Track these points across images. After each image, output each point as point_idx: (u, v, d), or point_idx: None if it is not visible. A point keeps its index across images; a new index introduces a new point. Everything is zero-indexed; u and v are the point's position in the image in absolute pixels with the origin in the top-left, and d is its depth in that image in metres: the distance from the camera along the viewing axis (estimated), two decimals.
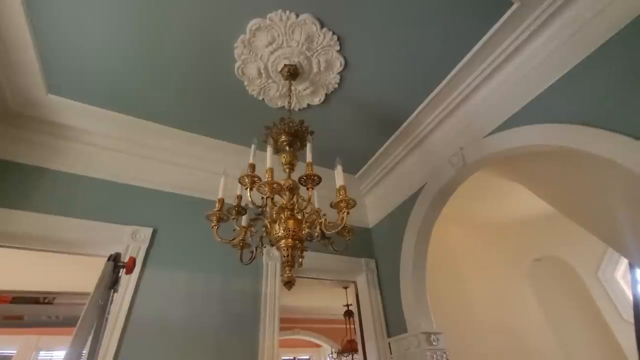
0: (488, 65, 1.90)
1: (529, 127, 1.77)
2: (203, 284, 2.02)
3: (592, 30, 1.58)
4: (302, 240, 1.15)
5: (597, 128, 1.46)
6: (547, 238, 3.85)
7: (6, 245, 1.70)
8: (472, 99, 2.06)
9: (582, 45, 1.61)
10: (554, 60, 1.71)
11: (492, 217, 3.80)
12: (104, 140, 2.16)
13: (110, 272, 0.87)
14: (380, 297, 2.53)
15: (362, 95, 2.09)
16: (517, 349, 3.21)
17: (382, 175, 2.70)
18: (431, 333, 2.07)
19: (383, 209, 2.74)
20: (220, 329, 1.91)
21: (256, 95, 2.03)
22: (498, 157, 2.00)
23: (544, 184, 2.58)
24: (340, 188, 1.12)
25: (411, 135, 2.36)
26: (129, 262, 0.93)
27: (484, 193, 3.31)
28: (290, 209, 1.16)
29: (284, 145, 1.42)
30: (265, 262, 2.24)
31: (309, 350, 7.25)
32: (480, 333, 3.12)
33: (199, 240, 2.16)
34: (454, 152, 2.16)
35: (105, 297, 0.85)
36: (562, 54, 1.68)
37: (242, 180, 1.13)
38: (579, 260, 3.72)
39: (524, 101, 1.83)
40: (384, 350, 2.27)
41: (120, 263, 0.93)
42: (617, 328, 3.30)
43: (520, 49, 1.80)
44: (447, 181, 2.19)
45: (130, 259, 0.93)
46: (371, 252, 2.77)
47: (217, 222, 1.18)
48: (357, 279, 2.69)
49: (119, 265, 0.91)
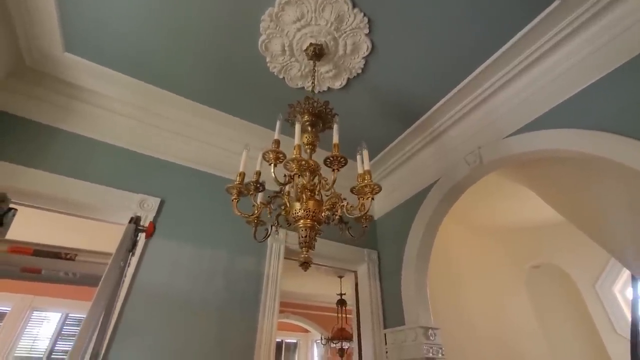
0: (518, 64, 1.85)
1: (552, 131, 1.73)
2: (208, 259, 2.01)
3: (628, 39, 1.53)
4: (321, 222, 1.13)
5: (624, 136, 1.42)
6: (548, 246, 3.86)
7: (15, 201, 1.67)
8: (496, 98, 2.02)
9: (616, 53, 1.56)
10: (585, 65, 1.67)
11: (495, 220, 3.79)
12: (119, 106, 2.12)
13: (132, 235, 0.85)
14: (380, 289, 2.53)
15: (384, 83, 2.04)
16: (509, 353, 3.25)
17: (394, 167, 2.67)
18: (429, 328, 2.08)
19: (391, 200, 2.72)
20: (223, 304, 1.92)
21: (277, 72, 1.98)
22: (516, 160, 1.97)
23: (556, 191, 2.56)
24: (365, 173, 1.09)
25: (429, 128, 2.32)
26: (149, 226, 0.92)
27: (490, 194, 3.29)
28: (311, 190, 1.13)
29: (306, 125, 1.39)
30: (270, 243, 2.23)
31: (297, 334, 7.36)
32: (474, 334, 3.14)
33: (206, 215, 2.14)
34: (471, 150, 2.12)
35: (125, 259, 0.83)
36: (594, 59, 1.63)
37: (266, 155, 1.10)
38: (578, 271, 3.73)
39: (550, 105, 1.79)
40: (380, 341, 2.29)
41: (140, 227, 0.91)
42: (610, 341, 3.33)
43: (553, 51, 1.75)
44: (460, 179, 2.16)
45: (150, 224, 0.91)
46: (374, 243, 2.77)
47: (238, 195, 1.16)
48: (358, 269, 2.69)
49: (139, 229, 0.90)
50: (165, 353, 1.68)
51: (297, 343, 7.35)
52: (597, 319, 3.49)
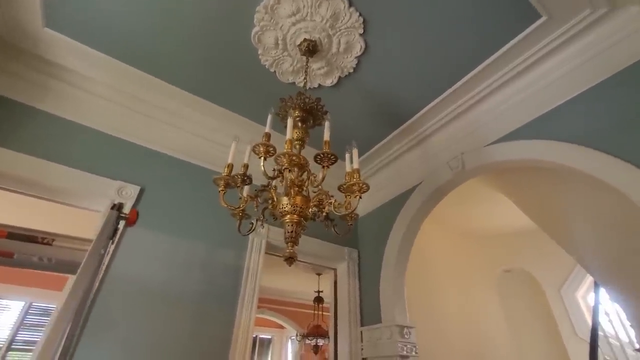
0: (502, 75, 1.92)
1: (531, 142, 1.81)
2: (186, 251, 1.97)
3: (603, 60, 1.62)
4: (307, 218, 1.13)
5: (598, 151, 1.51)
6: (519, 252, 4.03)
7: None
8: (480, 107, 2.08)
9: (591, 73, 1.65)
10: (564, 82, 1.75)
11: (471, 224, 3.92)
12: (101, 89, 2.03)
13: (114, 222, 0.82)
14: (359, 287, 2.57)
15: (374, 84, 2.06)
16: (479, 352, 3.38)
17: (379, 167, 2.70)
18: (404, 326, 2.14)
19: (374, 200, 2.76)
20: (200, 298, 1.89)
21: (268, 66, 1.96)
22: (496, 167, 2.04)
23: (530, 199, 2.67)
24: (354, 171, 1.10)
25: (415, 132, 2.37)
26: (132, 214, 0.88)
27: (469, 199, 3.40)
28: (299, 186, 1.13)
29: (296, 120, 1.39)
30: (252, 237, 2.21)
31: (272, 330, 7.34)
32: (446, 333, 3.24)
33: (187, 206, 2.10)
34: (454, 156, 2.18)
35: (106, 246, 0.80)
36: (572, 77, 1.72)
37: (256, 148, 1.09)
38: (546, 277, 3.93)
39: (530, 117, 1.86)
40: (356, 338, 2.32)
41: (123, 214, 0.87)
42: (570, 343, 3.53)
43: (537, 64, 1.82)
44: (443, 183, 2.22)
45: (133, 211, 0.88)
46: (355, 242, 2.80)
47: (225, 187, 1.14)
48: (338, 267, 2.71)
49: (121, 216, 0.86)
50: (140, 346, 1.63)
51: (271, 339, 7.33)
52: (560, 322, 3.69)
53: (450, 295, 3.55)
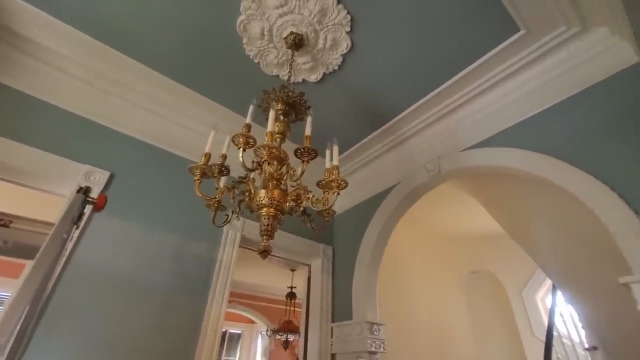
0: (481, 83, 1.98)
1: (504, 150, 1.88)
2: (157, 241, 1.91)
3: (579, 74, 1.71)
4: (284, 212, 1.12)
5: (564, 162, 1.59)
6: (487, 254, 4.21)
7: None
8: (459, 112, 2.15)
9: (564, 87, 1.74)
10: (538, 94, 1.83)
11: (443, 226, 4.05)
12: (72, 66, 1.91)
13: (79, 205, 0.77)
14: (332, 284, 2.59)
15: (358, 83, 2.07)
16: (444, 350, 3.50)
17: (358, 166, 2.73)
18: (374, 323, 2.18)
19: (351, 199, 2.78)
20: (169, 289, 1.83)
21: (252, 56, 1.93)
22: (470, 172, 2.12)
23: (499, 204, 2.79)
24: (333, 168, 1.10)
25: (395, 133, 2.40)
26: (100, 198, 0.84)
27: (442, 202, 3.50)
28: (278, 179, 1.12)
29: (278, 114, 1.37)
30: (226, 230, 2.17)
31: (242, 325, 7.27)
32: (412, 331, 3.33)
33: (160, 194, 2.03)
34: (431, 159, 2.24)
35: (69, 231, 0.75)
36: (546, 89, 1.81)
37: (235, 139, 1.06)
38: (509, 279, 4.13)
39: (504, 125, 1.94)
40: (326, 334, 2.34)
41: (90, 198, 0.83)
42: (528, 342, 3.74)
43: (514, 75, 1.90)
44: (419, 185, 2.27)
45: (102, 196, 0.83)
46: (331, 239, 2.82)
47: (201, 177, 1.11)
48: (312, 263, 2.72)
49: (87, 200, 0.81)
50: (101, 338, 1.56)
51: (241, 334, 7.26)
52: (520, 322, 3.90)
53: (419, 294, 3.65)
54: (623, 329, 1.97)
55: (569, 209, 1.80)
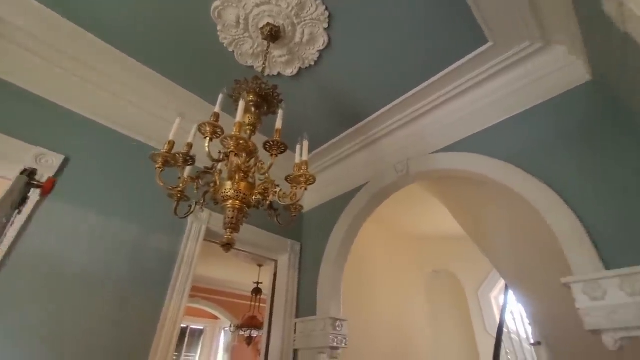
0: (451, 90, 2.05)
1: (469, 155, 1.97)
2: (114, 231, 1.80)
3: (539, 88, 1.82)
4: (250, 205, 1.10)
5: (520, 169, 1.69)
6: (448, 255, 4.40)
7: None
8: (429, 116, 2.21)
9: (530, 97, 1.85)
10: (505, 103, 1.93)
11: (408, 226, 4.18)
12: (26, 39, 1.74)
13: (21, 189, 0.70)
14: (298, 280, 2.59)
15: (333, 81, 2.07)
16: (404, 347, 3.62)
17: (329, 164, 2.74)
18: (337, 319, 2.21)
19: (321, 196, 2.79)
20: (126, 283, 1.74)
21: (227, 45, 1.87)
22: (437, 174, 2.19)
23: (461, 207, 2.93)
24: (302, 163, 1.09)
25: (367, 133, 2.44)
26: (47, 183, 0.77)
27: (408, 202, 3.61)
28: (245, 172, 1.10)
29: (250, 105, 1.34)
30: (191, 222, 2.10)
31: (205, 321, 7.09)
32: (374, 327, 3.42)
33: (119, 182, 1.92)
34: (400, 160, 2.29)
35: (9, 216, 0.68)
36: (512, 99, 1.91)
37: (202, 127, 1.02)
38: (467, 278, 4.35)
39: (471, 131, 2.02)
40: (289, 330, 2.34)
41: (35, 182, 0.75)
42: (480, 338, 3.96)
43: (481, 85, 1.99)
44: (387, 185, 2.32)
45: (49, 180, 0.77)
46: (299, 235, 2.81)
47: (163, 165, 1.06)
48: (279, 258, 2.70)
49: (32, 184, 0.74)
50: (48, 335, 1.45)
51: (203, 330, 7.08)
52: (474, 319, 4.12)
53: (382, 292, 3.75)
54: (563, 326, 2.14)
55: (524, 213, 1.92)
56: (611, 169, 1.40)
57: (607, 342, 1.18)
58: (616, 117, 1.48)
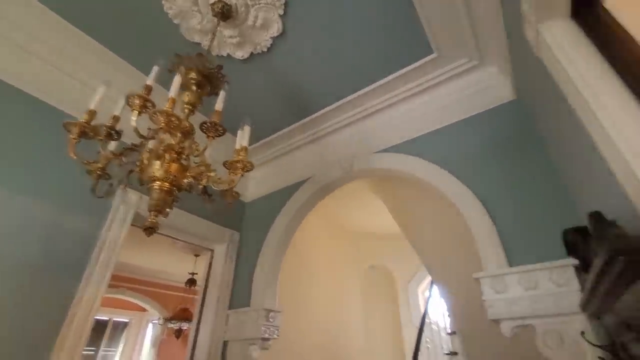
0: (397, 94, 2.15)
1: (407, 157, 2.08)
2: (23, 208, 1.57)
3: (472, 101, 1.99)
4: (180, 189, 1.03)
5: (449, 173, 1.84)
6: (385, 251, 4.65)
7: None
8: (376, 117, 2.30)
9: (463, 109, 2.01)
10: (443, 112, 2.07)
11: (349, 221, 4.32)
12: None
13: None
14: (234, 270, 2.52)
15: (285, 71, 2.04)
16: (336, 337, 3.75)
17: (275, 155, 2.70)
18: (271, 310, 2.20)
19: (265, 187, 2.75)
20: (31, 265, 1.53)
21: (172, 16, 1.73)
22: (378, 173, 2.29)
23: (399, 206, 3.10)
24: (241, 149, 1.06)
25: (315, 128, 2.45)
26: None
27: (351, 199, 3.73)
28: (178, 153, 1.02)
29: (191, 83, 1.25)
30: (117, 204, 1.91)
31: (131, 313, 6.58)
32: (310, 319, 3.48)
33: (32, 153, 1.67)
34: (345, 157, 2.35)
35: None
36: (449, 109, 2.06)
37: (130, 99, 0.93)
38: (400, 273, 4.64)
39: (411, 135, 2.15)
40: (221, 321, 2.27)
41: None
42: (406, 329, 4.27)
43: (423, 93, 2.12)
44: (332, 180, 2.36)
45: None
46: (239, 225, 2.74)
47: (79, 136, 0.93)
48: (215, 248, 2.60)
49: None
50: None
51: (128, 322, 6.57)
52: (402, 312, 4.43)
53: (320, 284, 3.83)
54: (474, 317, 2.40)
55: (450, 214, 2.10)
56: (521, 180, 1.59)
57: (504, 329, 1.34)
58: (530, 134, 1.68)
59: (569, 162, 1.26)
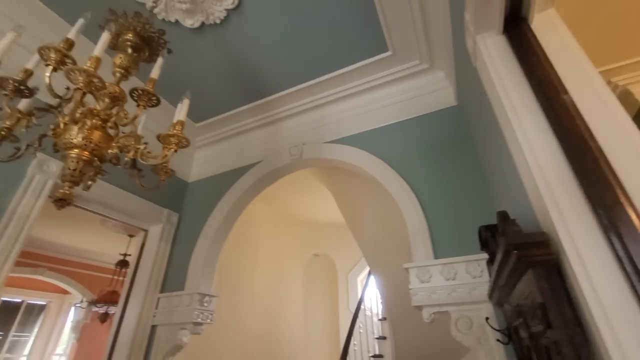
0: (351, 87, 2.19)
1: (355, 149, 2.13)
2: None
3: (419, 102, 2.09)
4: (104, 160, 0.93)
5: (391, 167, 1.92)
6: (329, 239, 4.77)
7: None
8: (328, 108, 2.31)
9: (409, 109, 2.10)
10: (392, 110, 2.14)
11: (297, 209, 4.35)
12: None
13: None
14: (170, 253, 2.40)
15: (240, 48, 1.95)
16: (275, 323, 3.78)
17: (223, 137, 2.59)
18: (206, 294, 2.14)
19: (210, 168, 2.64)
20: None
21: None
22: (326, 163, 2.31)
23: (344, 197, 3.19)
24: (177, 123, 0.99)
25: (268, 112, 2.39)
26: None
27: (300, 187, 3.75)
28: (104, 120, 0.93)
29: (126, 44, 1.13)
30: (32, 173, 1.69)
31: (50, 295, 5.98)
32: (250, 303, 3.47)
33: None
34: (296, 144, 2.33)
35: None
36: (397, 108, 2.13)
37: (44, 52, 0.81)
38: (341, 262, 4.80)
39: (362, 128, 2.19)
40: (150, 305, 2.16)
41: None
42: (342, 316, 4.45)
43: (375, 89, 2.18)
44: (280, 166, 2.34)
45: None
46: (179, 206, 2.60)
47: None
48: (150, 228, 2.45)
49: None
50: None
51: (46, 305, 5.95)
52: (341, 299, 4.61)
53: (262, 271, 3.82)
54: (402, 304, 2.58)
55: (389, 206, 2.20)
56: (453, 180, 1.72)
57: (424, 315, 1.46)
58: (466, 139, 1.81)
59: (491, 166, 1.39)
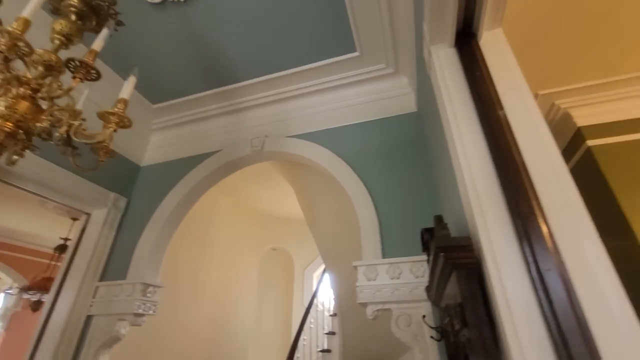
0: (317, 84, 2.19)
1: (316, 146, 2.13)
2: None
3: (382, 106, 2.14)
4: (32, 134, 0.85)
5: (348, 165, 1.95)
6: (287, 234, 4.76)
7: None
8: (293, 102, 2.29)
9: (372, 111, 2.14)
10: (356, 110, 2.17)
11: (257, 202, 4.29)
12: None
13: None
14: (114, 239, 2.26)
15: (204, 31, 1.87)
16: (228, 315, 3.70)
17: (183, 121, 2.48)
18: (150, 285, 2.04)
19: (165, 153, 2.51)
20: None
21: None
22: (287, 157, 2.29)
23: (305, 193, 3.19)
24: (120, 101, 0.92)
25: (231, 100, 2.33)
26: None
27: (261, 180, 3.70)
28: (34, 89, 0.84)
29: (70, 10, 1.04)
30: None
31: None
32: (203, 294, 3.37)
33: None
34: (258, 136, 2.29)
35: None
36: (360, 108, 2.17)
37: None
38: (299, 258, 4.82)
39: (325, 126, 2.19)
40: (87, 293, 2.02)
41: None
42: (296, 311, 4.47)
43: (341, 88, 2.20)
44: (240, 157, 2.28)
45: None
46: (128, 190, 2.45)
47: None
48: (93, 212, 2.28)
49: None
50: None
51: None
52: (296, 294, 4.62)
53: (218, 262, 3.73)
54: (351, 301, 2.65)
55: (346, 205, 2.24)
56: (406, 183, 1.78)
57: (368, 312, 1.51)
58: (421, 145, 1.89)
59: (438, 172, 1.46)
